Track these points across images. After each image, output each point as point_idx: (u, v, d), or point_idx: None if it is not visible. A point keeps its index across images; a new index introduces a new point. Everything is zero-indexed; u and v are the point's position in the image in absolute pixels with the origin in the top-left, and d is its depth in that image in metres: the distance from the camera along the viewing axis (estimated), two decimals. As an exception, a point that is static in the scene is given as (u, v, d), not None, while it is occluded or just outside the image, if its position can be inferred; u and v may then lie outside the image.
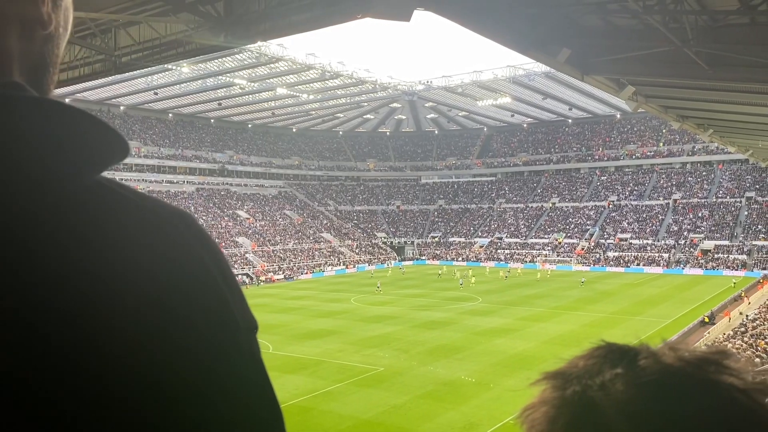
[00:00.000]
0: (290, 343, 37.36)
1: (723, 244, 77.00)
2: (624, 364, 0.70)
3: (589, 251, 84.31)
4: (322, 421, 23.94)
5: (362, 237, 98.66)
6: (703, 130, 29.70)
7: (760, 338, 27.24)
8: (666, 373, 0.68)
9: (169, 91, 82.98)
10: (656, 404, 0.65)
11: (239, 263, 75.90)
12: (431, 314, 46.60)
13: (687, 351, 0.72)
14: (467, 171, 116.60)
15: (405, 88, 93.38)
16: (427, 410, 24.86)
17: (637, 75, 16.47)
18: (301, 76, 77.47)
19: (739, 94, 16.95)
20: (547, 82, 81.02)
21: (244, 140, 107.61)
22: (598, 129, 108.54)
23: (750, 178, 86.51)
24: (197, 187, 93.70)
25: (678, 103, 22.50)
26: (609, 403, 0.66)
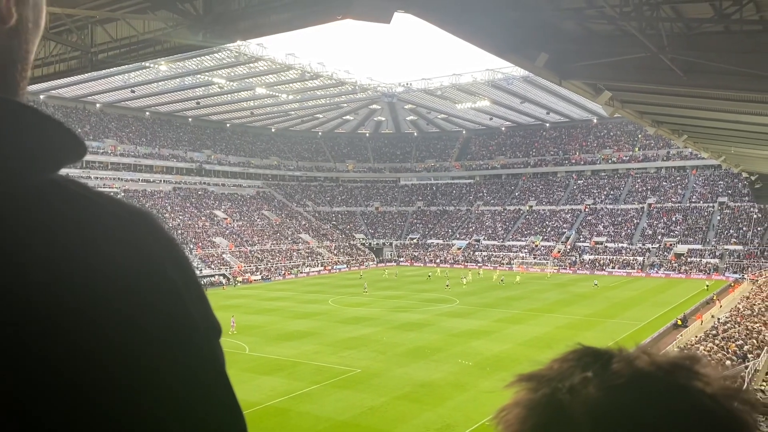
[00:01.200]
0: (267, 345, 37.16)
1: (696, 248, 78.31)
2: (596, 368, 0.72)
3: (565, 254, 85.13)
4: (299, 422, 23.84)
5: (341, 238, 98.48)
6: (678, 135, 30.20)
7: (731, 341, 27.71)
8: (636, 376, 0.69)
9: (147, 89, 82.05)
10: (623, 408, 0.66)
11: (216, 263, 75.30)
12: (409, 316, 46.68)
13: (660, 356, 0.73)
14: (446, 173, 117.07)
15: (385, 90, 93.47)
16: (404, 411, 24.89)
17: (613, 80, 16.69)
18: (281, 76, 77.14)
19: (712, 100, 17.26)
20: (526, 86, 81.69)
21: (222, 140, 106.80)
22: (575, 133, 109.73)
23: (722, 184, 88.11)
24: (174, 187, 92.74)
25: (653, 108, 22.84)
26: (577, 405, 0.67)
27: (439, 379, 29.32)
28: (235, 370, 31.39)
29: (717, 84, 14.33)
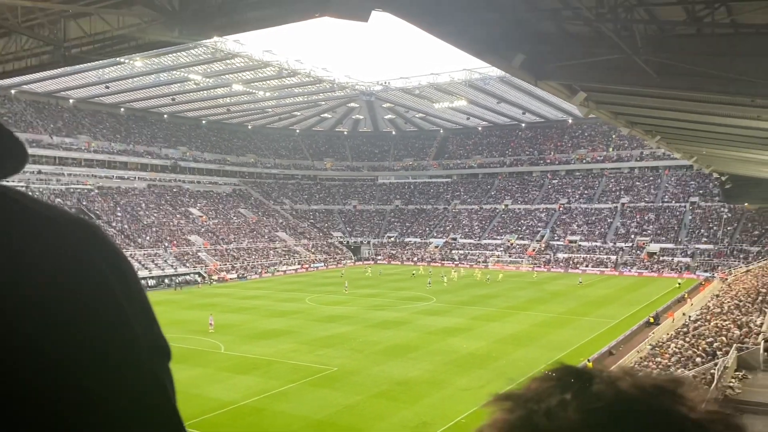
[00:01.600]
0: (242, 343, 36.94)
1: (668, 247, 79.61)
2: (575, 389, 0.68)
3: (540, 252, 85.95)
4: (274, 421, 23.75)
5: (318, 236, 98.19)
6: (651, 136, 30.68)
7: (701, 338, 28.23)
8: (618, 400, 0.66)
9: (121, 85, 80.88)
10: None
11: (191, 262, 74.59)
12: (386, 314, 46.75)
13: (644, 378, 0.70)
14: (423, 172, 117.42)
15: (363, 88, 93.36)
16: (381, 410, 24.94)
17: (588, 81, 16.89)
18: (258, 73, 76.63)
19: (685, 102, 17.57)
20: (502, 86, 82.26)
21: (197, 136, 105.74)
22: (551, 133, 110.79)
23: (694, 184, 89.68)
24: (149, 184, 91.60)
25: (627, 109, 23.17)
26: (553, 429, 0.64)
27: (415, 377, 29.42)
28: (210, 369, 31.19)
29: (690, 86, 14.58)
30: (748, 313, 31.62)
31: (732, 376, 21.75)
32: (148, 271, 68.64)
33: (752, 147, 27.72)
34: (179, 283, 67.53)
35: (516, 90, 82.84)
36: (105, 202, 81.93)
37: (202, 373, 30.34)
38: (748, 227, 79.01)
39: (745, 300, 36.35)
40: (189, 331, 40.87)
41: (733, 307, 35.20)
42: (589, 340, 36.99)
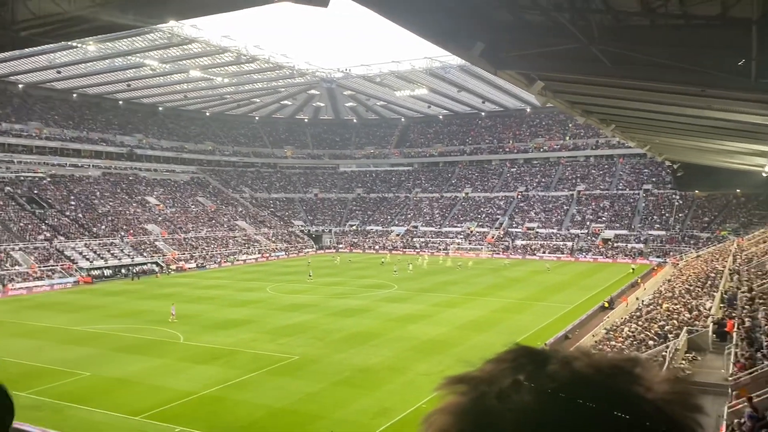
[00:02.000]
0: (202, 333, 36.55)
1: (622, 233, 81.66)
2: (529, 371, 0.67)
3: (498, 240, 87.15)
4: (235, 410, 23.62)
5: (279, 225, 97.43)
6: (606, 125, 31.31)
7: (653, 322, 29.11)
8: (572, 381, 0.65)
9: (74, 70, 78.36)
10: (556, 415, 0.61)
11: (149, 251, 73.21)
12: (347, 302, 46.83)
13: (601, 357, 0.68)
14: (385, 160, 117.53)
15: (323, 75, 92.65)
16: (342, 397, 25.04)
17: (546, 71, 17.12)
18: (216, 59, 75.25)
19: (639, 92, 17.97)
20: (462, 75, 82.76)
21: (154, 123, 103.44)
22: (509, 122, 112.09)
23: (647, 172, 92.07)
24: (103, 172, 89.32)
25: (584, 98, 23.57)
26: (505, 412, 0.63)
27: (376, 364, 29.61)
28: (169, 359, 30.80)
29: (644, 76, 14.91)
30: (698, 296, 32.72)
31: (682, 358, 22.53)
32: (104, 261, 67.14)
33: (702, 136, 28.57)
34: (136, 273, 66.26)
35: (476, 79, 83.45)
36: (58, 190, 79.62)
37: (160, 364, 29.94)
38: (698, 214, 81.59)
39: (695, 284, 37.59)
40: (147, 322, 40.24)
41: (684, 291, 36.37)
42: (546, 325, 37.79)
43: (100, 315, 43.24)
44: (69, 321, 41.18)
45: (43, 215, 72.44)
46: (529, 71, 17.66)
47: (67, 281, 60.54)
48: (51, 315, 43.63)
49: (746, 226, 70.98)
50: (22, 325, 40.43)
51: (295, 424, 22.50)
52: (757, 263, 35.26)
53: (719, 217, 79.38)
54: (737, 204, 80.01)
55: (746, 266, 36.20)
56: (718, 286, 33.48)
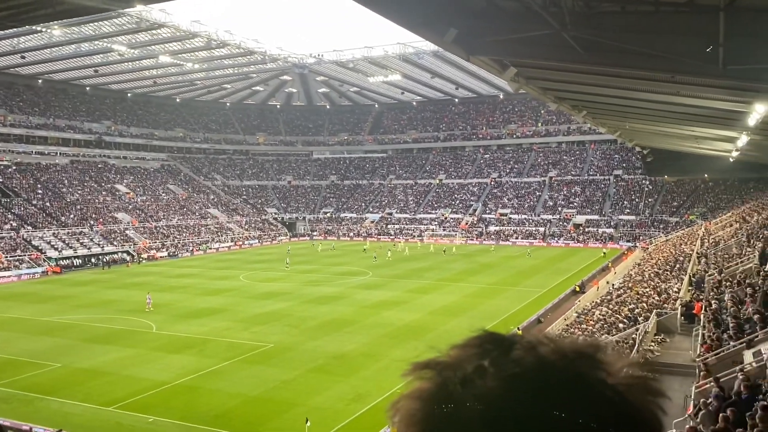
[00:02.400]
0: (175, 322, 36.21)
1: (593, 218, 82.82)
2: (493, 356, 0.67)
3: (472, 226, 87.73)
4: (209, 399, 23.50)
5: (252, 213, 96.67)
6: (578, 111, 31.59)
7: (624, 305, 29.62)
8: (536, 367, 0.65)
9: (39, 55, 76.32)
10: (518, 400, 0.61)
11: (119, 240, 72.12)
12: (322, 289, 46.78)
13: (565, 343, 0.69)
14: (359, 147, 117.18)
15: (295, 61, 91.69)
16: (317, 384, 25.07)
17: (518, 57, 17.18)
18: (186, 44, 73.96)
19: (610, 78, 18.14)
20: (436, 61, 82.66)
21: (123, 110, 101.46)
22: (483, 109, 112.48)
23: (618, 157, 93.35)
24: (72, 160, 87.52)
25: (555, 85, 23.73)
26: (468, 397, 0.63)
27: (351, 351, 29.69)
28: (141, 349, 30.48)
29: (614, 62, 15.04)
30: (667, 280, 33.38)
31: (652, 340, 23.00)
32: (73, 250, 65.98)
33: (672, 121, 29.01)
34: (107, 263, 65.28)
35: (449, 65, 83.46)
36: (24, 179, 77.84)
37: (133, 354, 29.62)
38: (667, 199, 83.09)
39: (664, 268, 38.33)
40: (118, 311, 39.72)
41: (653, 274, 37.06)
42: (519, 309, 38.24)
43: (69, 305, 42.54)
44: (38, 312, 40.45)
45: (9, 204, 70.80)
46: (501, 57, 17.69)
47: (35, 271, 59.39)
48: (19, 306, 42.79)
49: (713, 210, 72.49)
50: (-11, 316, 39.58)
51: (270, 412, 22.48)
52: (724, 246, 36.06)
53: (688, 201, 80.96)
54: (705, 189, 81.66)
55: (713, 250, 36.99)
56: (687, 270, 34.17)
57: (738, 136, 27.92)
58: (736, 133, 26.92)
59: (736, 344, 15.35)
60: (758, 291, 18.26)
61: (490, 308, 38.83)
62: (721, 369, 14.37)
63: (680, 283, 30.82)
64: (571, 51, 13.96)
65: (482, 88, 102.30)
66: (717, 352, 15.83)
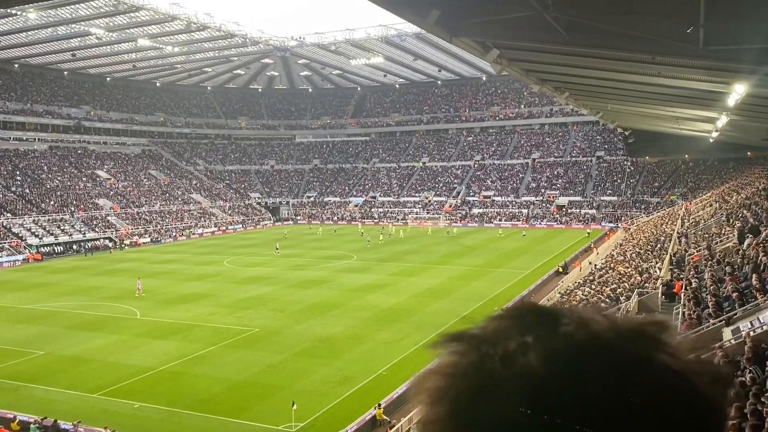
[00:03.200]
0: (159, 308, 36.06)
1: (576, 199, 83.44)
2: (539, 331, 0.60)
3: (456, 208, 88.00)
4: (195, 384, 23.51)
5: (235, 198, 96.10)
6: (561, 93, 31.67)
7: (606, 285, 30.01)
8: (587, 345, 0.58)
9: (14, 39, 74.82)
10: (567, 384, 0.55)
11: (101, 226, 71.42)
12: (306, 274, 46.77)
13: (622, 320, 0.62)
14: (342, 131, 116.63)
15: (277, 44, 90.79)
16: (303, 367, 25.16)
17: (501, 38, 17.14)
18: (165, 27, 72.86)
19: (591, 59, 18.18)
20: (418, 43, 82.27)
21: (102, 95, 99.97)
22: (465, 91, 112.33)
23: (600, 139, 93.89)
24: (50, 146, 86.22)
25: (538, 66, 23.75)
26: (509, 377, 0.56)
27: (337, 334, 29.79)
28: (126, 335, 30.36)
29: (595, 43, 15.08)
30: (648, 259, 33.80)
31: (633, 319, 23.29)
32: (54, 237, 65.27)
33: (653, 103, 29.20)
34: (89, 249, 64.68)
35: (432, 47, 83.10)
36: (2, 165, 76.62)
37: (117, 340, 29.49)
38: (649, 179, 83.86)
39: (646, 248, 38.79)
40: (101, 298, 39.46)
41: (634, 255, 37.52)
42: (503, 290, 38.54)
43: (52, 292, 42.17)
44: (19, 299, 40.05)
45: (-13, 191, 69.71)
46: (484, 39, 17.65)
47: (15, 259, 58.68)
48: (0, 294, 42.32)
49: (694, 191, 73.31)
50: (-30, 305, 39.13)
51: (257, 395, 22.55)
52: (704, 226, 36.55)
53: (668, 182, 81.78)
54: (686, 169, 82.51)
55: (693, 229, 37.48)
56: (668, 249, 34.62)
57: (718, 116, 28.19)
58: (716, 113, 27.18)
59: (716, 322, 15.63)
60: (748, 262, 18.59)
61: (474, 290, 39.09)
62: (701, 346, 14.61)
63: (661, 263, 31.23)
64: (553, 32, 13.96)
65: (465, 71, 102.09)
66: (697, 330, 16.10)
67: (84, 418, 20.37)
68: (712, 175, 77.00)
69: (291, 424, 19.45)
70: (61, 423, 20.04)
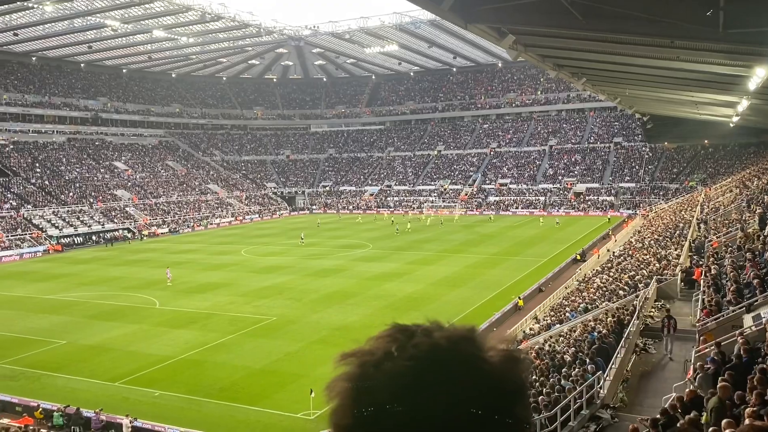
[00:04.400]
0: (178, 298, 36.43)
1: (593, 186, 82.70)
2: (400, 342, 0.89)
3: (472, 196, 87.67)
4: (215, 372, 23.76)
5: (251, 188, 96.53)
6: (577, 78, 31.31)
7: (624, 273, 29.76)
8: (430, 349, 0.87)
9: (32, 32, 75.46)
10: (416, 376, 0.83)
11: (119, 217, 72.18)
12: (323, 263, 46.93)
13: (450, 329, 0.92)
14: (356, 119, 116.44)
15: (291, 33, 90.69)
16: (321, 355, 25.29)
17: (516, 24, 16.95)
18: (180, 18, 73.03)
19: (609, 44, 17.93)
20: (433, 30, 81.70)
21: (118, 86, 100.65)
22: (481, 78, 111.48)
23: (618, 125, 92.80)
24: (68, 137, 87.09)
25: (554, 52, 23.48)
26: (379, 376, 0.85)
27: (354, 322, 29.92)
28: (146, 324, 30.72)
29: (613, 28, 14.87)
30: (667, 246, 33.45)
31: (652, 306, 23.15)
32: (74, 228, 66.08)
33: (671, 87, 28.78)
34: (109, 240, 65.45)
35: (447, 34, 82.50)
36: (22, 157, 77.56)
37: (137, 330, 29.86)
38: (667, 165, 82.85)
39: (664, 234, 38.39)
40: (121, 288, 39.94)
41: (653, 241, 37.14)
42: (520, 279, 38.40)
43: (72, 283, 42.76)
44: (41, 290, 40.67)
45: (8, 183, 70.67)
46: (499, 25, 17.46)
47: (36, 250, 59.54)
48: (22, 284, 43.01)
49: (713, 176, 72.37)
50: (-7, 295, 39.81)
51: (275, 383, 22.75)
52: (724, 212, 36.07)
53: (687, 167, 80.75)
54: (705, 154, 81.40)
55: (713, 215, 37.02)
56: (687, 236, 34.24)
57: (738, 100, 27.74)
58: (737, 97, 26.75)
59: (736, 309, 15.45)
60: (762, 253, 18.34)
61: (491, 278, 39.00)
62: (721, 333, 14.49)
63: (680, 250, 30.90)
64: (569, 17, 13.78)
65: (481, 57, 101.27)
66: (717, 316, 15.94)
67: (105, 406, 20.70)
68: (732, 161, 75.92)
69: (309, 411, 19.61)
70: (84, 411, 20.38)
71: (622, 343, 17.23)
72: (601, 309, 22.98)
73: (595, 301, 25.94)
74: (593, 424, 13.63)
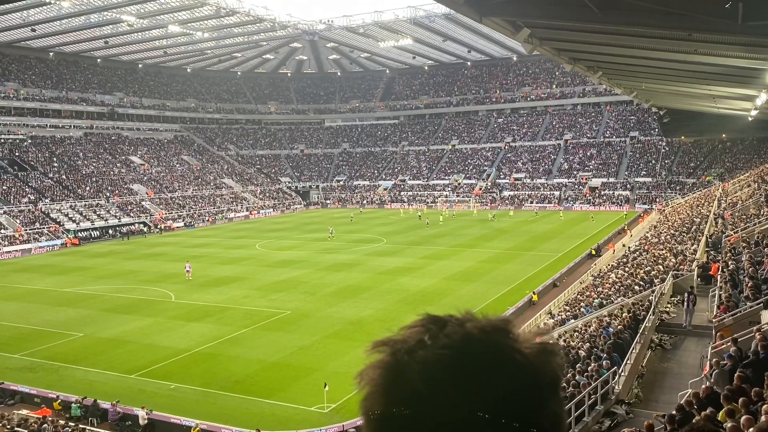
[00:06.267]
0: (193, 291, 36.71)
1: (609, 181, 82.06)
2: (432, 332, 0.90)
3: (486, 191, 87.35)
4: (229, 366, 23.95)
5: (266, 182, 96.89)
6: (593, 72, 31.02)
7: (639, 268, 29.53)
8: (462, 339, 0.87)
9: (49, 28, 76.19)
10: (449, 365, 0.84)
11: (135, 211, 72.79)
12: (337, 257, 47.04)
13: (484, 320, 0.92)
14: (370, 114, 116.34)
15: (305, 28, 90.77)
16: (335, 349, 25.41)
17: (532, 17, 16.83)
18: (195, 13, 73.37)
19: (625, 37, 17.75)
20: (447, 23, 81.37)
21: (134, 81, 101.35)
22: (495, 71, 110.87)
23: (634, 119, 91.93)
24: (85, 132, 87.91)
25: (570, 45, 23.27)
26: (413, 364, 0.85)
27: (368, 316, 29.98)
28: (161, 318, 31.00)
29: (629, 21, 14.71)
30: (683, 241, 33.14)
31: (668, 302, 22.96)
32: (91, 222, 66.74)
33: (689, 81, 28.44)
34: (126, 234, 66.06)
35: (461, 27, 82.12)
36: (39, 152, 78.42)
37: (153, 323, 30.14)
38: (684, 160, 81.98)
39: (681, 229, 38.03)
40: (137, 282, 40.32)
41: (669, 236, 36.80)
42: (534, 274, 38.25)
43: (89, 276, 43.23)
44: (58, 283, 41.17)
45: (26, 177, 71.52)
46: (514, 18, 17.34)
47: (54, 243, 60.25)
48: (40, 277, 43.56)
49: (731, 171, 71.50)
50: (11, 288, 40.39)
51: (289, 377, 22.88)
52: (741, 207, 35.65)
53: (705, 162, 79.86)
54: (723, 149, 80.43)
55: (731, 210, 36.60)
56: (704, 231, 33.89)
57: (757, 94, 27.34)
58: (755, 91, 26.37)
59: (753, 305, 15.29)
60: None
61: (505, 273, 38.89)
62: (738, 329, 14.35)
63: (697, 245, 30.60)
64: (585, 10, 13.65)
65: (495, 51, 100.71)
66: (734, 312, 15.79)
67: (122, 398, 20.95)
68: (750, 155, 74.96)
69: (323, 404, 19.71)
70: (101, 402, 20.65)
71: (637, 338, 17.13)
72: (616, 304, 22.84)
73: (611, 296, 25.79)
74: (608, 420, 13.58)
